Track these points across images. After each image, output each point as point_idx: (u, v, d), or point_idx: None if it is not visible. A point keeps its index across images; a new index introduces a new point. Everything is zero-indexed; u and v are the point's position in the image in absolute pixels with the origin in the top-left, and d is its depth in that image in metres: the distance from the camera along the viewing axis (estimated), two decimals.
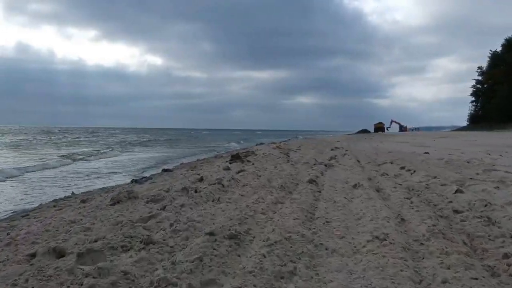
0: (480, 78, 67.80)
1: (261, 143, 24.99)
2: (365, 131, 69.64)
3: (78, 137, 48.54)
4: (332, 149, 16.70)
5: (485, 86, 65.81)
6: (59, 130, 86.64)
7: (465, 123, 72.33)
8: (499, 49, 63.94)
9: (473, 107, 69.28)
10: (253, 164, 10.79)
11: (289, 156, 12.90)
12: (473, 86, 69.20)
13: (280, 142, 23.73)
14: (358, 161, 11.47)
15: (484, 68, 66.68)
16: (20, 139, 39.45)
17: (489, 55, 66.06)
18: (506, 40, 62.71)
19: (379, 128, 69.97)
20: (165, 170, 11.17)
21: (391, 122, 74.46)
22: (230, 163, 11.62)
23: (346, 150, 15.96)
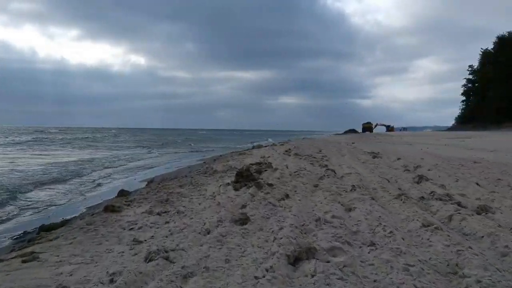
0: (471, 77, 64.98)
1: (259, 145, 19.24)
2: (352, 131, 65.90)
3: (86, 137, 46.60)
4: (374, 157, 11.32)
5: (477, 85, 63.01)
6: (58, 131, 78.66)
7: (449, 124, 69.80)
8: (490, 47, 61.32)
9: (464, 106, 66.46)
10: (288, 196, 5.15)
11: (335, 173, 7.34)
12: (464, 85, 66.33)
13: (281, 143, 18.18)
14: (478, 185, 6.12)
15: (475, 67, 63.93)
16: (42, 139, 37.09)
17: (480, 53, 63.40)
18: (498, 38, 60.01)
19: (368, 128, 66.37)
20: (100, 211, 5.27)
21: (375, 125, 71.30)
22: (235, 189, 5.90)
23: (399, 158, 10.60)
